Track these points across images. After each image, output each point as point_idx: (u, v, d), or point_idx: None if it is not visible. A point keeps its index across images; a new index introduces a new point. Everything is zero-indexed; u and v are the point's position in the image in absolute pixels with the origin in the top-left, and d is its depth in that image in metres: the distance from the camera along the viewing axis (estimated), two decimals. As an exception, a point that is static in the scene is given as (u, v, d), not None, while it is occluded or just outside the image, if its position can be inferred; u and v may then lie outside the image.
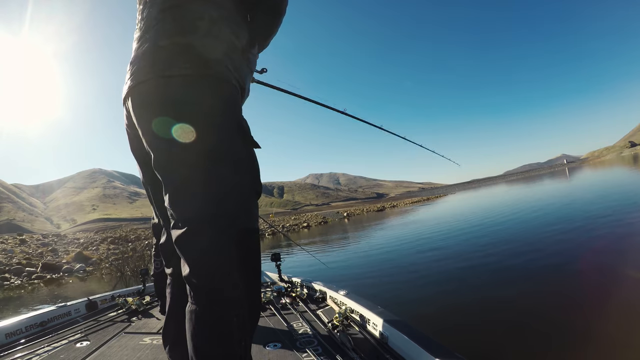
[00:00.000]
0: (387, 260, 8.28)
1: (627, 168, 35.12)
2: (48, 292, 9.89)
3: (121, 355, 1.85)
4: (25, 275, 12.73)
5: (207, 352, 1.03)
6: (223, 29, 1.20)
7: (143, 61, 1.16)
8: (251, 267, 1.21)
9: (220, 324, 1.04)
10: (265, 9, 1.37)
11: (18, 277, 12.52)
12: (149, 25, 1.21)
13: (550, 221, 9.38)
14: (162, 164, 1.14)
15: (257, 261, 1.25)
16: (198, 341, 1.04)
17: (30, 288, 10.93)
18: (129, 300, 2.83)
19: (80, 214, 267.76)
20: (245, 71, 1.31)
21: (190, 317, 1.06)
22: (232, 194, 1.13)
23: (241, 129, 1.21)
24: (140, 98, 1.16)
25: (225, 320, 1.04)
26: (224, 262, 1.08)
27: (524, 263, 5.87)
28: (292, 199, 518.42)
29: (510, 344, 3.19)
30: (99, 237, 28.38)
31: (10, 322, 2.22)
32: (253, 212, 1.23)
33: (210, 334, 1.03)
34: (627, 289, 3.92)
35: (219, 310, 1.05)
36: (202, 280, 1.06)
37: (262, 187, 1.30)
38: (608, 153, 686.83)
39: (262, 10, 1.36)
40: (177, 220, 1.11)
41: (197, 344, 1.04)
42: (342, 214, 41.28)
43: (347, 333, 1.88)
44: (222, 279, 1.06)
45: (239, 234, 1.15)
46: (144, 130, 1.16)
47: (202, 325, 1.04)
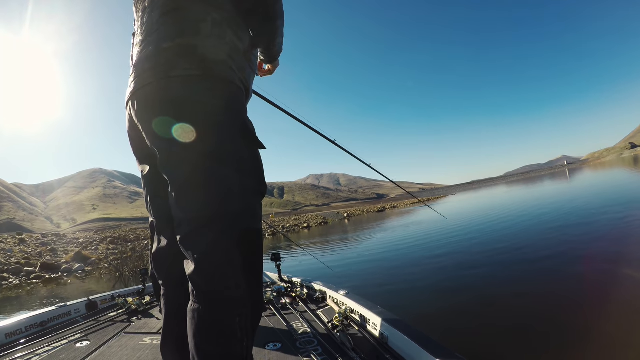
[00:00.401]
0: (394, 262, 8.22)
1: (627, 170, 35.09)
2: (46, 292, 9.86)
3: (121, 355, 1.85)
4: (23, 275, 12.66)
5: (209, 351, 1.03)
6: (226, 31, 1.21)
7: (147, 64, 1.16)
8: (254, 268, 1.21)
9: (222, 323, 1.04)
10: (260, 18, 1.36)
11: (17, 277, 12.46)
12: (150, 29, 1.22)
13: (551, 221, 9.39)
14: (165, 164, 1.15)
15: (260, 262, 1.25)
16: (200, 341, 1.04)
17: (29, 288, 10.89)
18: (129, 300, 2.83)
19: (81, 214, 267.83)
20: (248, 72, 1.32)
21: (192, 316, 1.06)
22: (235, 194, 1.14)
23: (246, 129, 1.21)
24: (144, 100, 1.16)
25: (227, 320, 1.04)
26: (228, 262, 1.08)
27: (528, 263, 5.87)
28: (292, 199, 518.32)
29: (511, 344, 3.19)
30: (99, 237, 28.24)
31: (10, 322, 2.22)
32: (257, 213, 1.23)
33: (212, 334, 1.03)
34: (627, 289, 3.92)
35: (221, 310, 1.05)
36: (206, 280, 1.06)
37: (266, 187, 1.30)
38: (608, 154, 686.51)
39: (257, 19, 1.36)
40: (182, 220, 1.12)
41: (199, 344, 1.04)
42: (343, 215, 41.29)
43: (347, 333, 1.88)
44: (226, 279, 1.06)
45: (243, 234, 1.16)
46: (147, 131, 1.17)
47: (204, 324, 1.04)
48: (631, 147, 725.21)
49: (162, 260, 1.32)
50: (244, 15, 1.32)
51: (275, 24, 1.40)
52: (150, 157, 1.27)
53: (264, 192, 1.27)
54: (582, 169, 78.01)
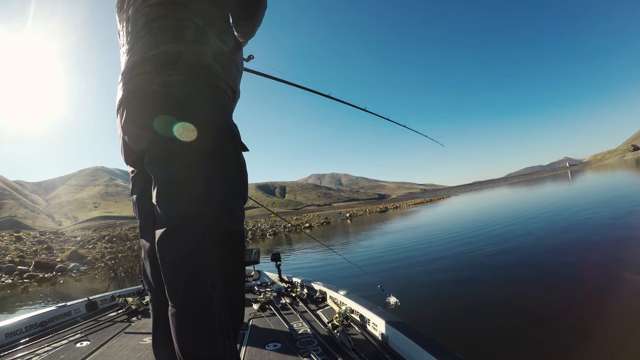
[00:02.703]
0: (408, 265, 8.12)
1: (630, 172, 34.99)
2: (36, 293, 9.52)
3: (121, 355, 1.85)
4: (16, 274, 12.31)
5: (192, 354, 1.04)
6: (209, 35, 1.23)
7: (134, 71, 1.19)
8: (233, 269, 1.22)
9: (201, 326, 1.04)
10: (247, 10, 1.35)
11: (9, 276, 12.10)
12: (135, 38, 1.24)
13: (553, 223, 9.37)
14: (150, 161, 1.17)
15: (240, 263, 1.27)
16: (182, 344, 1.05)
17: (22, 287, 10.62)
18: (129, 300, 2.83)
19: (82, 212, 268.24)
20: (234, 73, 1.33)
21: (172, 320, 1.07)
22: (216, 195, 1.15)
23: (231, 133, 1.23)
24: (132, 106, 1.19)
25: (205, 321, 1.04)
26: (203, 263, 1.08)
27: (531, 264, 5.88)
28: (293, 199, 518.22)
29: (511, 344, 3.19)
30: (97, 235, 27.92)
31: (10, 322, 2.22)
32: (237, 215, 1.25)
33: (193, 337, 1.04)
34: (627, 289, 3.92)
35: (198, 312, 1.05)
36: (180, 282, 1.06)
37: (247, 191, 1.32)
38: (611, 156, 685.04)
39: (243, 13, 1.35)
40: (161, 218, 1.12)
41: (182, 347, 1.05)
42: (345, 215, 41.21)
43: (347, 333, 1.88)
44: (200, 280, 1.06)
45: (222, 236, 1.17)
46: (136, 134, 1.20)
47: (183, 328, 1.05)
48: (633, 149, 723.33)
49: (147, 264, 1.32)
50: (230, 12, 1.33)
51: (260, 14, 1.40)
52: (139, 160, 1.29)
53: (245, 197, 1.29)
54: (584, 171, 77.83)
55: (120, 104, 1.23)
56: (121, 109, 1.23)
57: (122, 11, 1.35)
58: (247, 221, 29.04)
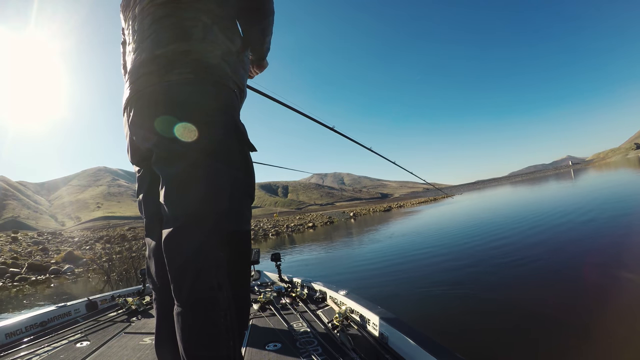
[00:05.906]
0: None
1: (633, 170, 34.82)
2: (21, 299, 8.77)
3: (121, 355, 1.84)
4: (8, 277, 11.55)
5: (197, 354, 1.03)
6: (217, 34, 1.23)
7: (141, 70, 1.18)
8: (239, 268, 1.22)
9: (206, 325, 1.03)
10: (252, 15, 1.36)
11: (0, 279, 11.37)
12: (142, 36, 1.23)
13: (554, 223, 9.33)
14: (159, 160, 1.16)
15: (246, 262, 1.26)
16: (186, 344, 1.04)
17: (14, 290, 10.00)
18: (129, 300, 2.83)
19: (85, 212, 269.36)
20: (241, 73, 1.33)
21: (177, 319, 1.06)
22: (223, 194, 1.14)
23: (238, 132, 1.23)
24: (140, 105, 1.18)
25: (211, 321, 1.04)
26: (210, 262, 1.07)
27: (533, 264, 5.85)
28: (296, 198, 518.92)
29: (510, 344, 3.17)
30: (95, 236, 27.26)
31: (10, 322, 2.23)
32: (244, 214, 1.25)
33: (198, 336, 1.03)
34: (628, 290, 3.90)
35: (203, 312, 1.04)
36: (186, 281, 1.05)
37: (254, 190, 1.31)
38: (614, 155, 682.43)
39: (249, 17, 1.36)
40: (168, 217, 1.12)
41: (186, 347, 1.04)
42: (349, 214, 40.93)
43: (347, 333, 1.87)
44: (206, 280, 1.06)
45: (228, 235, 1.17)
46: (144, 133, 1.19)
47: (189, 327, 1.04)
48: (636, 147, 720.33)
49: (152, 263, 1.32)
50: (235, 15, 1.33)
51: (266, 21, 1.40)
52: (145, 159, 1.28)
53: (252, 196, 1.28)
54: (587, 170, 77.53)
55: (127, 103, 1.23)
56: (128, 109, 1.23)
57: (128, 9, 1.34)
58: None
